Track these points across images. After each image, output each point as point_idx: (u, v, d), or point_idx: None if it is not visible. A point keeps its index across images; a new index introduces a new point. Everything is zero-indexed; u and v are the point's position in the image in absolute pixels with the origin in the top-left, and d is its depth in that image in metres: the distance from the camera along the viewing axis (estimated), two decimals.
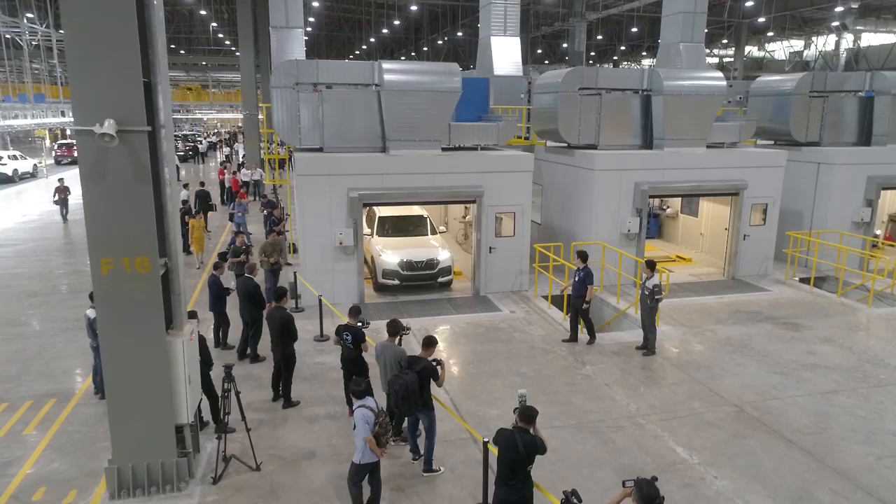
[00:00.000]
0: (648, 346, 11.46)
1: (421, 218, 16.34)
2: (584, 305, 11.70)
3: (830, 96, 17.70)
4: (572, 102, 15.36)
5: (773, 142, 19.05)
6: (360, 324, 9.00)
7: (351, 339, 8.68)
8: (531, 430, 6.05)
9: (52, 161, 49.51)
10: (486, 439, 6.67)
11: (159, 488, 7.05)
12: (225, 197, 27.76)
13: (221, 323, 11.29)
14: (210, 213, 22.26)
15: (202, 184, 22.48)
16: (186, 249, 17.45)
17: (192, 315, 8.41)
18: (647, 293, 11.22)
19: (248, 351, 10.89)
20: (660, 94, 15.40)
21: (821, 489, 7.41)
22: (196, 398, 7.47)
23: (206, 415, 8.72)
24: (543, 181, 17.60)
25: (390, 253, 14.59)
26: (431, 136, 14.29)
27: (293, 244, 17.74)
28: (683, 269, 17.32)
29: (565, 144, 16.43)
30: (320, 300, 11.92)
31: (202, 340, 8.29)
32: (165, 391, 6.89)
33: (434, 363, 7.47)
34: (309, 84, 13.93)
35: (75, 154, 44.64)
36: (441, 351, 10.45)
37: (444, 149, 14.58)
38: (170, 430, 7.03)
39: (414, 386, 7.06)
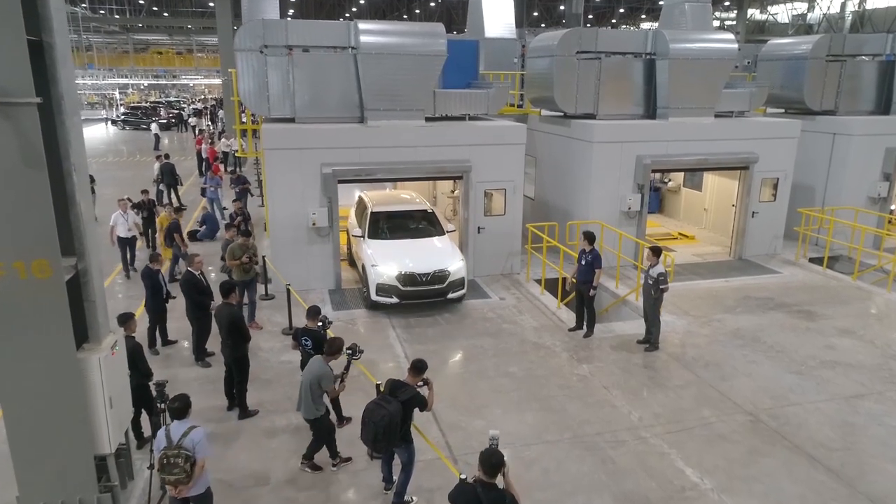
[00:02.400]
0: (651, 341, 10.36)
1: (425, 213, 13.08)
2: (592, 292, 10.59)
3: (848, 61, 16.34)
4: (569, 67, 13.98)
5: (783, 110, 17.75)
6: (320, 324, 7.87)
7: (311, 345, 7.54)
8: (499, 482, 4.84)
9: None
10: (463, 475, 5.57)
11: None
12: (203, 168, 26.37)
13: (158, 321, 10.02)
14: (181, 189, 20.95)
15: (167, 156, 21.00)
16: (152, 246, 15.16)
17: (127, 318, 7.26)
18: (651, 283, 10.08)
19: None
20: (665, 57, 14.03)
21: None
22: (122, 422, 6.33)
23: (148, 429, 7.61)
24: (537, 153, 16.31)
25: (386, 262, 11.45)
26: (414, 105, 12.95)
27: (266, 224, 15.95)
28: (686, 248, 16.17)
29: (561, 114, 15.09)
30: (288, 289, 10.75)
31: (136, 349, 7.15)
32: (79, 418, 5.74)
33: (419, 384, 6.28)
34: (277, 47, 12.51)
35: None
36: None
37: (427, 119, 13.25)
38: (88, 463, 5.90)
39: (397, 418, 5.87)
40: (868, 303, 12.56)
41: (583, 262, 10.56)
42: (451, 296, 11.58)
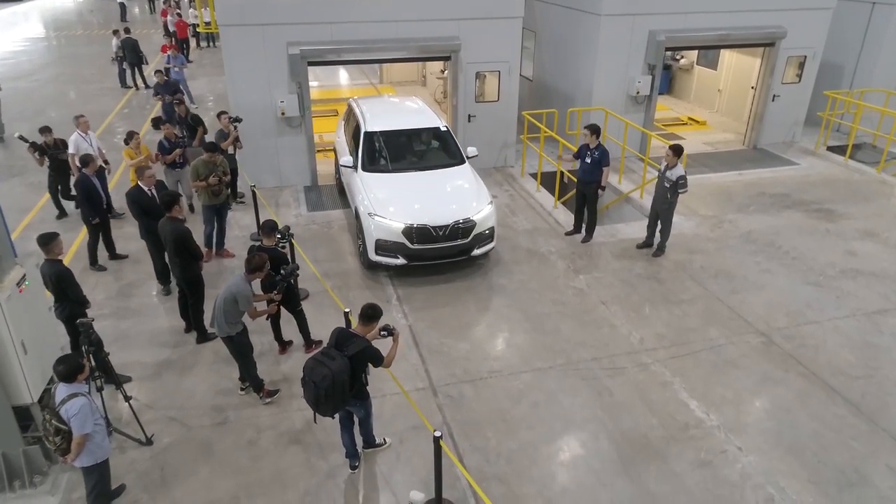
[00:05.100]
0: (660, 245, 9.43)
1: (438, 133, 9.89)
2: (600, 192, 9.51)
3: None
4: None
5: None
6: (279, 237, 6.89)
7: (270, 266, 6.54)
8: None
9: None
10: (437, 432, 4.80)
11: (5, 485, 5.30)
12: (172, 44, 24.10)
13: (100, 232, 8.79)
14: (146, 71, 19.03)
15: (127, 31, 18.88)
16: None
17: (49, 239, 6.21)
18: (668, 186, 8.92)
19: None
20: None
21: (875, 467, 5.75)
22: (45, 367, 5.46)
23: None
24: (538, 27, 14.52)
25: (389, 209, 8.47)
26: None
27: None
28: (696, 136, 14.85)
29: None
30: (254, 191, 9.61)
31: (63, 275, 6.16)
32: None
33: (383, 334, 5.28)
34: None
35: None
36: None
37: None
38: (6, 415, 5.13)
39: (342, 377, 4.85)
40: (892, 199, 11.49)
41: (587, 160, 9.36)
42: (476, 252, 8.69)
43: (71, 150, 9.88)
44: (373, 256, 8.52)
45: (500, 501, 5.37)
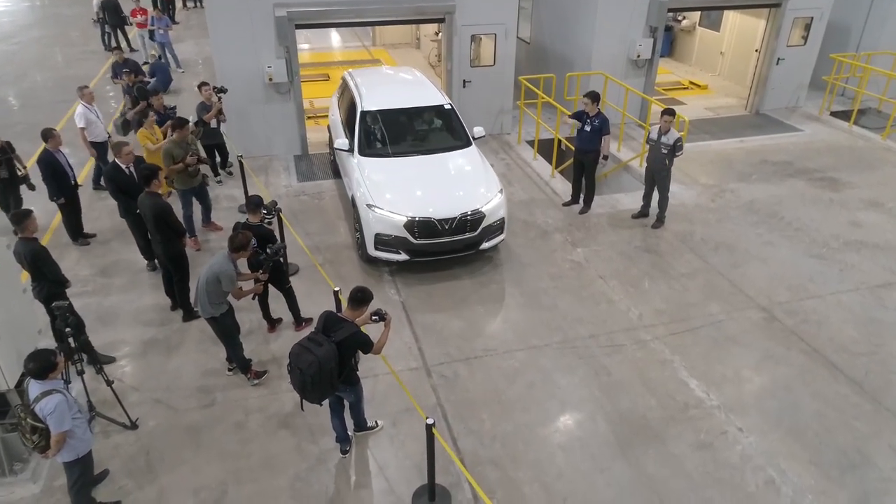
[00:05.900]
0: (659, 216, 9.19)
1: (441, 111, 9.15)
2: (602, 160, 9.19)
3: None
4: None
5: None
6: (265, 212, 6.62)
7: (256, 244, 6.29)
8: None
9: None
10: (430, 419, 4.62)
11: None
12: (157, 3, 23.31)
13: (70, 210, 8.35)
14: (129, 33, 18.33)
15: None
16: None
17: (22, 217, 5.94)
18: (665, 151, 8.64)
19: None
20: None
21: (879, 448, 5.62)
22: (21, 351, 5.21)
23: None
24: None
25: (390, 199, 7.79)
26: None
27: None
28: (697, 100, 14.47)
29: None
30: (241, 161, 9.28)
31: (39, 254, 5.89)
32: None
33: (374, 319, 5.03)
34: None
35: None
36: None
37: None
38: None
39: (330, 364, 4.62)
40: None
41: (586, 129, 9.03)
42: (485, 245, 8.02)
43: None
44: (372, 252, 7.86)
45: (495, 486, 5.24)
